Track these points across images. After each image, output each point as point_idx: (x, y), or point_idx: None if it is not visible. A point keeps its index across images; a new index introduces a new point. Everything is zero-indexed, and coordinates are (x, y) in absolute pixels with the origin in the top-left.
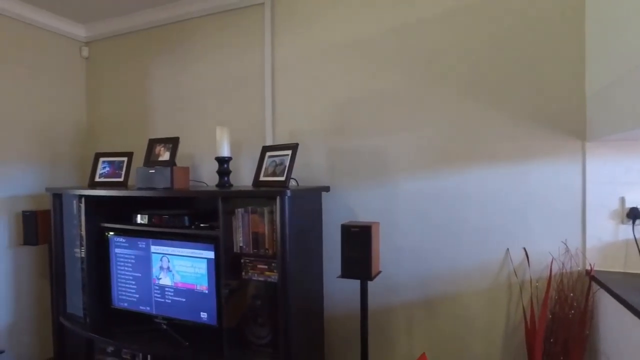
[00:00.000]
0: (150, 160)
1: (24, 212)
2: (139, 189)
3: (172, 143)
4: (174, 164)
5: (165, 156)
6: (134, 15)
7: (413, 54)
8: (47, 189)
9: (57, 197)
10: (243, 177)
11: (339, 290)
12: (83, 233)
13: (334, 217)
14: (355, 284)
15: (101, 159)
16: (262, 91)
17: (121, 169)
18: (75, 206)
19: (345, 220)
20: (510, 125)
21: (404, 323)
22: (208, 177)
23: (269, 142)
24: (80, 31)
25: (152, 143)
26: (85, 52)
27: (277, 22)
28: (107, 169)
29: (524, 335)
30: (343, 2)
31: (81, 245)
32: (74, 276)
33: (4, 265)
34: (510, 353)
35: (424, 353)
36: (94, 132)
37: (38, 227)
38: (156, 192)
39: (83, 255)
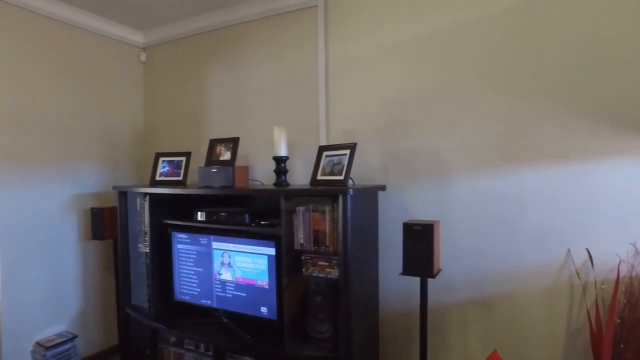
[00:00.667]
0: (212, 159)
1: (92, 208)
2: (201, 187)
3: (233, 143)
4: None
5: (226, 156)
6: (189, 21)
7: (469, 52)
8: (114, 187)
9: (123, 194)
10: (297, 176)
11: (392, 288)
12: (147, 229)
13: (389, 215)
14: (410, 281)
15: (161, 159)
16: (316, 92)
17: (180, 168)
18: (138, 203)
19: (399, 219)
20: (574, 124)
21: (459, 323)
22: (262, 176)
23: (322, 142)
24: (138, 37)
25: (213, 143)
26: (143, 57)
27: (330, 23)
28: (167, 168)
29: (587, 338)
30: (395, 3)
31: (145, 241)
32: (138, 270)
33: (74, 258)
34: (573, 356)
35: (495, 350)
36: (150, 134)
37: (105, 223)
38: (220, 190)
39: (146, 250)
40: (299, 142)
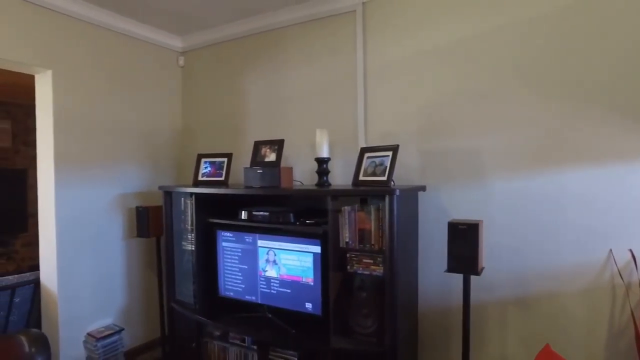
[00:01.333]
0: (257, 160)
1: (137, 207)
2: (247, 187)
3: (278, 145)
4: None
5: (271, 157)
6: (227, 27)
7: (506, 55)
8: (160, 187)
9: (168, 194)
10: (336, 177)
11: (431, 287)
12: (192, 227)
13: (428, 215)
14: (448, 280)
15: (203, 160)
16: (354, 94)
17: (222, 168)
18: (182, 203)
19: (437, 219)
20: (614, 125)
21: (498, 321)
22: (301, 176)
23: (361, 144)
24: (177, 42)
25: (258, 145)
26: (181, 61)
27: (368, 27)
28: (209, 168)
29: (630, 339)
30: (433, 6)
31: (189, 239)
32: (182, 267)
33: (119, 255)
34: (615, 357)
35: (547, 344)
36: (188, 136)
37: (149, 221)
38: (267, 190)
39: (191, 248)
40: (338, 144)
